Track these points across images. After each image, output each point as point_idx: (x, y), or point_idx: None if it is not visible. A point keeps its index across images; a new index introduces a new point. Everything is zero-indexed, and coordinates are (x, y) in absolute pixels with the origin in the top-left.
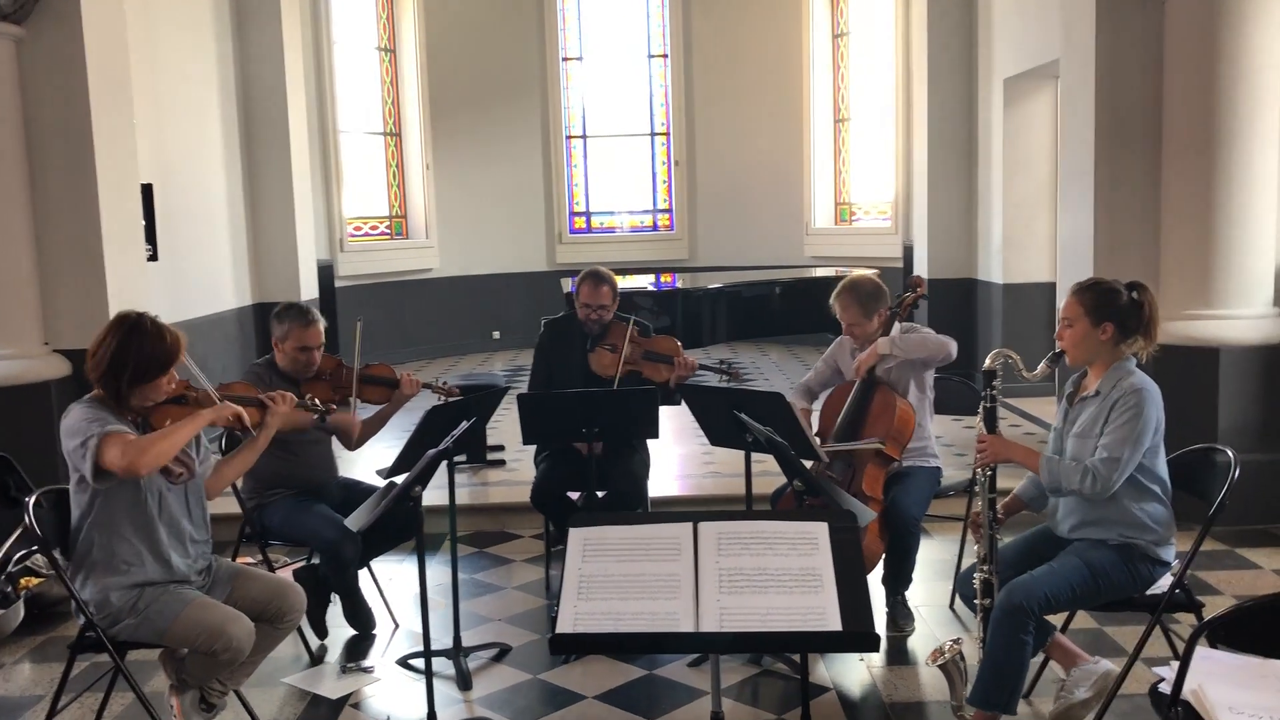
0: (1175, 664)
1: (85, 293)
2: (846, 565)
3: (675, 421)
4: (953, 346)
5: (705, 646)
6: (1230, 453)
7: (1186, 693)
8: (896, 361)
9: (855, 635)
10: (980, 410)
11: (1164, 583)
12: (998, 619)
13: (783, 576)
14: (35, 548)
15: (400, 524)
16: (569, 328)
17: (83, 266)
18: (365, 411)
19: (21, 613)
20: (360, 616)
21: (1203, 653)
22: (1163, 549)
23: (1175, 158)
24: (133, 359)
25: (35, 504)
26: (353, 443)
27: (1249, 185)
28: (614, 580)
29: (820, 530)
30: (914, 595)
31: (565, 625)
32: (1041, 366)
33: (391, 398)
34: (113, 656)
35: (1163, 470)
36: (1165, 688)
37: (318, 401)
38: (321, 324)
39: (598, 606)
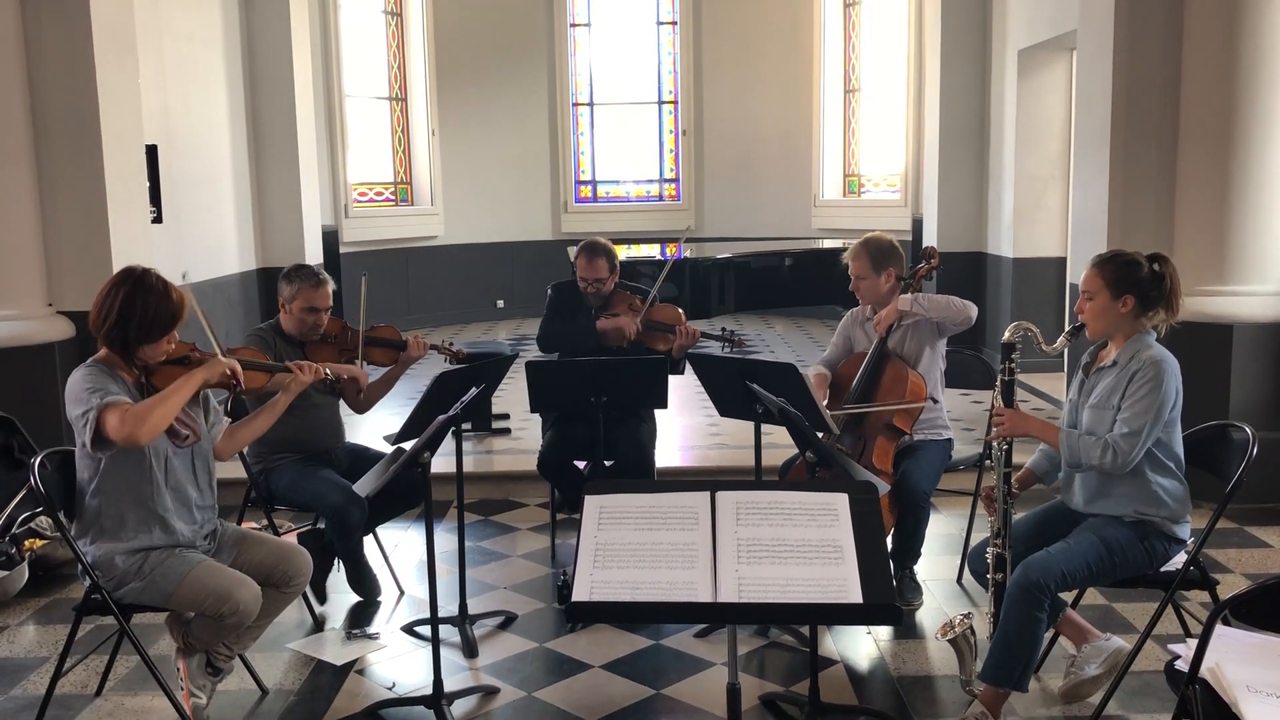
0: (1190, 641)
1: (89, 254)
2: (867, 537)
3: (681, 392)
4: (973, 310)
5: (723, 617)
6: (1248, 430)
7: (1204, 670)
8: (915, 319)
9: (876, 608)
10: (998, 383)
11: (1178, 560)
12: (1013, 595)
13: (803, 547)
14: (39, 510)
15: (407, 490)
16: (575, 294)
17: (87, 228)
18: (371, 375)
19: (26, 575)
20: (364, 583)
21: (1220, 630)
22: (1178, 526)
23: (1193, 131)
24: (138, 315)
25: (40, 465)
26: (360, 403)
27: (1267, 161)
28: (630, 549)
29: (840, 501)
30: (922, 569)
31: (581, 593)
32: (1061, 340)
33: (398, 359)
34: (118, 619)
35: (1179, 446)
36: (1181, 665)
37: (328, 372)
38: (331, 286)
39: (614, 575)
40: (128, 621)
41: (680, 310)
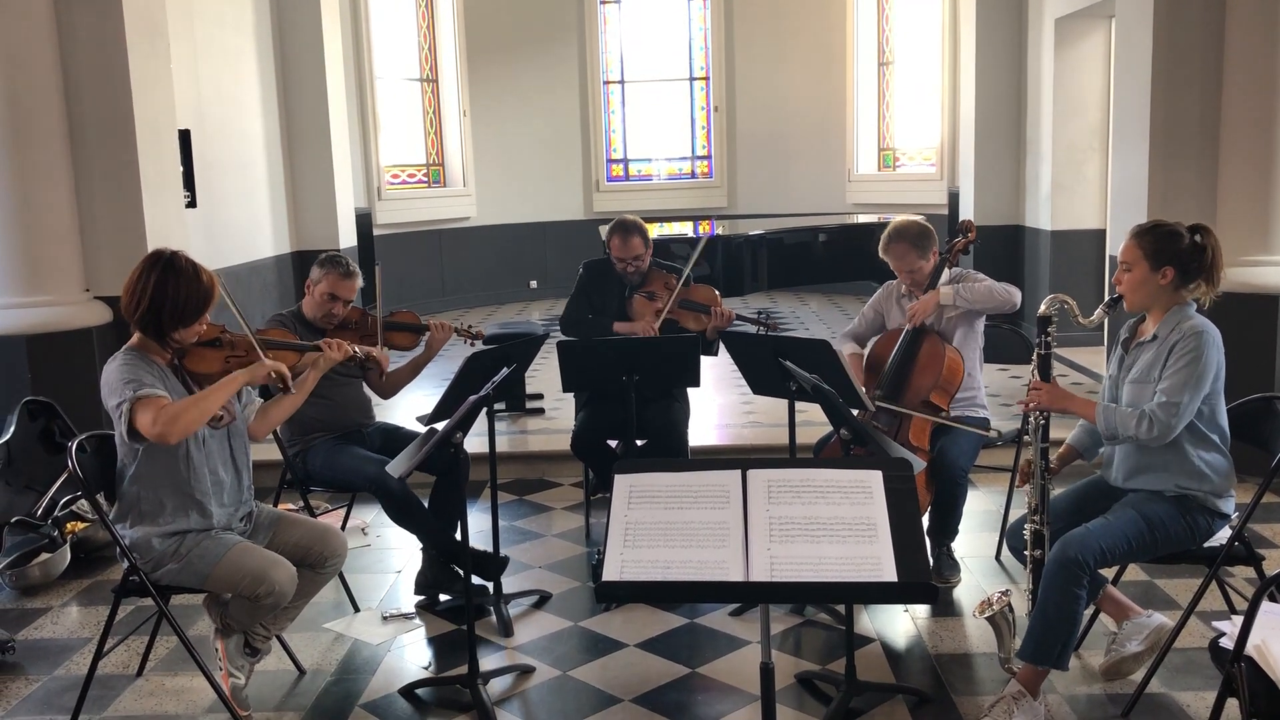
0: (1235, 618)
1: (124, 240)
2: (901, 514)
3: (715, 370)
4: (1017, 296)
5: (755, 596)
6: None
7: (1249, 648)
8: (958, 312)
9: (911, 586)
10: (1034, 357)
11: (1221, 535)
12: (1051, 572)
13: (835, 525)
14: (80, 493)
15: (449, 471)
16: (607, 272)
17: (122, 213)
18: (395, 360)
19: (68, 557)
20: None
21: (1266, 607)
22: (1221, 500)
23: (1236, 98)
24: (169, 299)
25: (78, 448)
26: (385, 388)
27: None
28: (661, 528)
29: (874, 479)
30: (960, 546)
31: (611, 573)
32: (1098, 312)
33: (417, 343)
34: (156, 601)
35: (1223, 418)
36: (1226, 643)
37: (355, 350)
38: (358, 281)
39: (644, 554)
40: (166, 603)
41: (715, 291)
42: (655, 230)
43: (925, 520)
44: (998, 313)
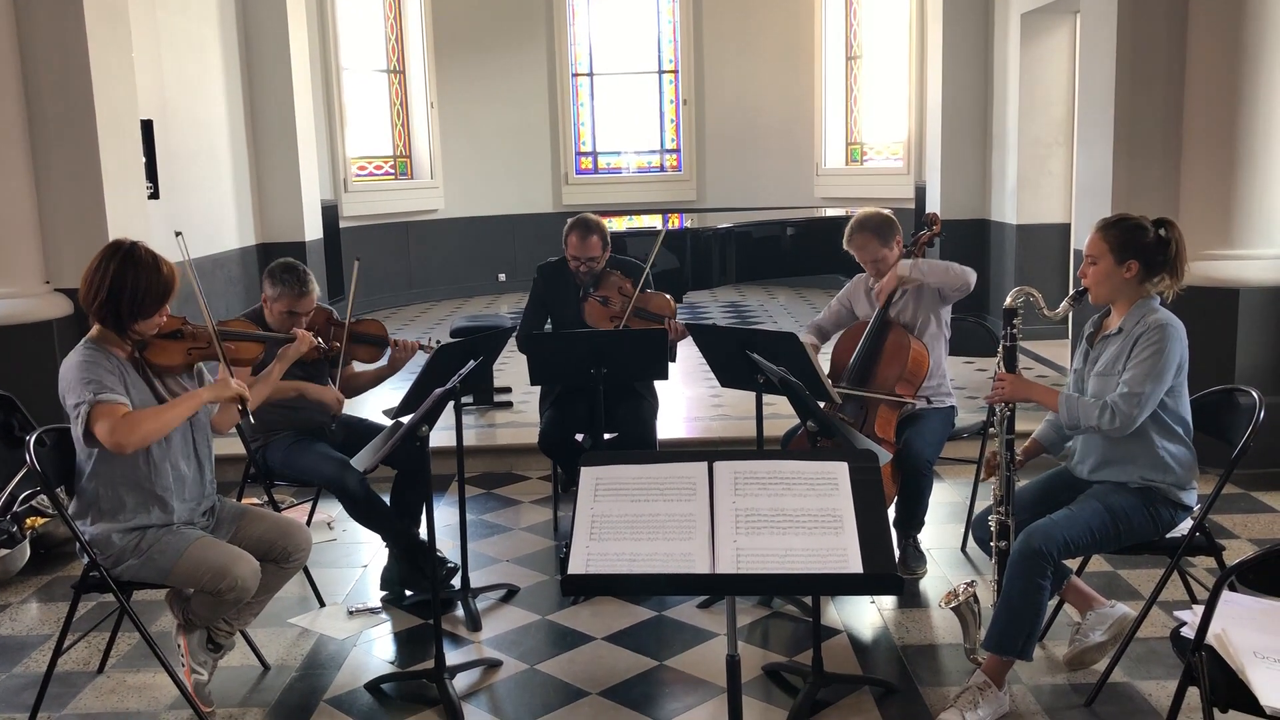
0: (1197, 608)
1: (85, 231)
2: (867, 506)
3: (683, 364)
4: (972, 276)
5: (721, 588)
6: (1255, 394)
7: (1210, 637)
8: (915, 285)
9: (877, 578)
10: (1000, 349)
11: (1183, 526)
12: (1015, 563)
13: (801, 517)
14: (40, 488)
15: (415, 466)
16: (563, 271)
17: (83, 204)
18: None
19: (27, 552)
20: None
21: (1226, 596)
22: (1184, 492)
23: (1199, 93)
24: (129, 290)
25: (37, 442)
26: (344, 390)
27: (1274, 122)
28: (627, 520)
29: (840, 470)
30: (926, 537)
31: (578, 566)
32: (1063, 305)
33: (381, 357)
34: (117, 596)
35: (1187, 411)
36: (1187, 632)
37: (321, 341)
38: (316, 293)
39: (610, 547)
40: (127, 599)
41: (670, 298)
42: (625, 223)
43: (891, 512)
44: (956, 292)
